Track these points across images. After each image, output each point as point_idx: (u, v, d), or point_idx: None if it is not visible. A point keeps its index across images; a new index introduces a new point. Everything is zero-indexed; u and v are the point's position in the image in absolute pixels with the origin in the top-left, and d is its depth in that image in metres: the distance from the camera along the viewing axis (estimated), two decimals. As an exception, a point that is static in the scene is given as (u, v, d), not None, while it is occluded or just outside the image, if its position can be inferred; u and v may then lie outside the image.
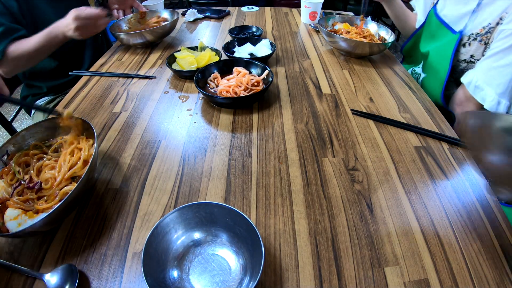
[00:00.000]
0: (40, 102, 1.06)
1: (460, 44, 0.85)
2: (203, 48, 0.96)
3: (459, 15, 0.86)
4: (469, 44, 0.83)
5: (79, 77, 0.90)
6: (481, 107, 0.79)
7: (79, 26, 0.83)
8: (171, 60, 0.92)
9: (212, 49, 0.95)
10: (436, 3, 0.96)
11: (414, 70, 1.05)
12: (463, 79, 0.81)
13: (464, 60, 0.86)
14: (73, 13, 0.82)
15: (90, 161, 0.50)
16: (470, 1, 0.83)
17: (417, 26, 1.07)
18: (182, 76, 0.89)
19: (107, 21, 0.89)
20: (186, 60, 0.89)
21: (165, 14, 1.17)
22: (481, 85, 0.76)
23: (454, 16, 0.88)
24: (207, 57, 0.90)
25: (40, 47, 0.85)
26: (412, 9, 1.12)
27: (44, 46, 0.85)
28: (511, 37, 0.71)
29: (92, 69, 0.95)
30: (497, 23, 0.77)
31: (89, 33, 0.87)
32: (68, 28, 0.83)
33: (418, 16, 1.07)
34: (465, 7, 0.84)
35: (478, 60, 0.83)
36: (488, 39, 0.79)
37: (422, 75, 0.99)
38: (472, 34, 0.82)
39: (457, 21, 0.87)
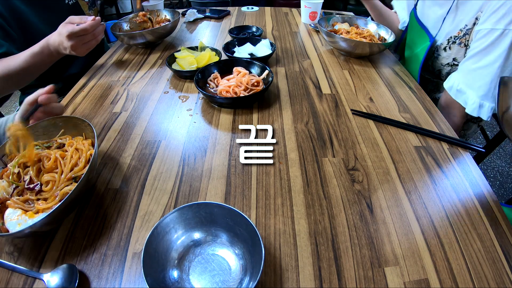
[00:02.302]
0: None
1: (440, 49, 0.84)
2: (203, 48, 0.96)
3: (436, 18, 0.85)
4: (450, 48, 0.82)
5: (78, 78, 0.90)
6: (464, 110, 0.78)
7: (75, 44, 0.74)
8: (171, 60, 0.92)
9: (212, 49, 0.95)
10: (416, 3, 0.95)
11: None
12: (445, 83, 0.80)
13: (448, 63, 0.85)
14: (64, 29, 0.73)
15: (90, 161, 0.50)
16: (446, 3, 0.81)
17: (401, 28, 1.06)
18: (182, 76, 0.89)
19: (104, 27, 0.81)
20: (186, 60, 0.89)
21: (166, 14, 1.17)
22: (463, 88, 0.75)
23: (432, 19, 0.86)
24: (207, 57, 0.90)
25: (31, 66, 0.76)
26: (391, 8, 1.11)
27: (36, 64, 0.77)
28: (487, 37, 0.70)
29: (92, 69, 0.95)
30: (474, 24, 0.76)
31: (90, 47, 0.78)
32: (63, 47, 0.75)
33: (401, 16, 1.06)
34: (441, 9, 0.83)
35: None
36: (467, 40, 0.78)
37: None
38: (451, 37, 0.81)
39: (435, 24, 0.85)
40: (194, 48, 0.98)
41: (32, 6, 0.86)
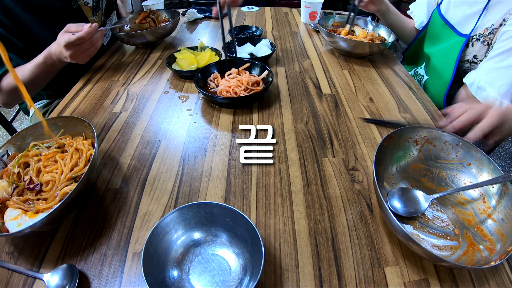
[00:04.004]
0: (38, 104, 1.05)
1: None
2: (203, 48, 0.96)
3: (464, 16, 0.86)
4: (472, 45, 0.83)
5: (78, 79, 0.90)
6: None
7: (74, 53, 0.75)
8: (171, 60, 0.92)
9: (212, 49, 0.95)
10: (440, 3, 0.96)
11: (417, 71, 1.05)
12: (465, 79, 0.81)
13: (467, 60, 0.86)
14: (62, 40, 0.73)
15: (90, 161, 0.50)
16: (476, 2, 0.82)
17: (418, 27, 1.07)
18: (182, 76, 0.89)
19: (103, 33, 0.81)
20: (186, 60, 0.89)
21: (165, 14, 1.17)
22: (484, 85, 0.76)
23: (459, 17, 0.87)
24: (207, 57, 0.90)
25: (37, 76, 0.79)
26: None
27: (41, 74, 0.80)
28: None
29: (92, 69, 0.95)
30: (500, 24, 0.77)
31: (90, 54, 0.79)
32: (63, 56, 0.76)
33: (418, 18, 1.06)
34: (470, 8, 0.84)
35: (480, 60, 0.83)
36: (491, 40, 0.79)
37: (425, 77, 0.99)
38: (475, 34, 0.82)
39: (462, 22, 0.86)
40: (194, 48, 0.98)
41: (34, 15, 0.86)
